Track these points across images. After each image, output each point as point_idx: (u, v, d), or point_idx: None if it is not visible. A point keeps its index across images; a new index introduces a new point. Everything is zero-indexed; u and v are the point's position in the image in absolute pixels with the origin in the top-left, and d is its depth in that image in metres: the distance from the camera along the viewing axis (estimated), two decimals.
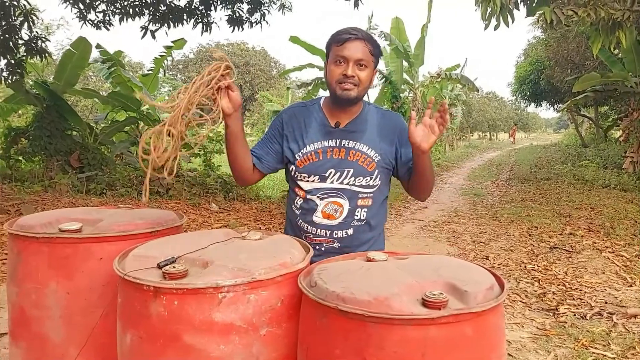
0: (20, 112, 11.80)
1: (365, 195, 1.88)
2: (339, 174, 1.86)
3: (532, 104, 26.20)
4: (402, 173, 1.95)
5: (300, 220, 1.92)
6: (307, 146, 1.88)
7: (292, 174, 1.93)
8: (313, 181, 1.88)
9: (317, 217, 1.88)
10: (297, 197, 1.92)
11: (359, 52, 1.78)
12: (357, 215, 1.88)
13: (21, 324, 1.77)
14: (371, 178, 1.87)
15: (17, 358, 1.80)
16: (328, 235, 1.88)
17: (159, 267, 1.40)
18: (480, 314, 1.19)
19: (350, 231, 1.88)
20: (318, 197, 1.87)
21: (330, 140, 1.88)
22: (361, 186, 1.87)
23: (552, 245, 6.08)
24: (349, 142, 1.87)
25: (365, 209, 1.89)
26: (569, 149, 22.67)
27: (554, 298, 4.29)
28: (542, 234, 6.71)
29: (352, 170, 1.86)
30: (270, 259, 1.45)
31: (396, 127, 1.93)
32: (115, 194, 8.01)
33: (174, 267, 1.37)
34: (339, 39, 1.80)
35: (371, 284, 1.28)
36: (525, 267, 5.25)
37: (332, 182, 1.86)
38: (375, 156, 1.88)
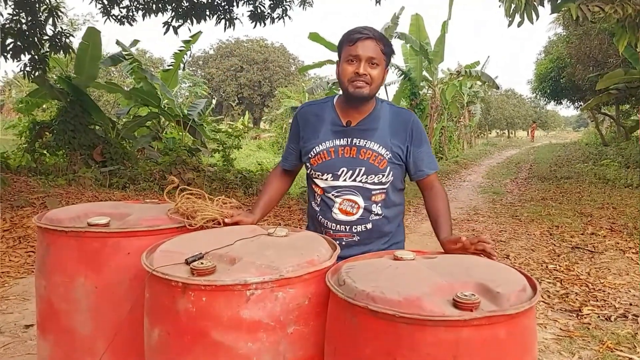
0: (44, 106, 12.00)
1: (378, 191, 1.90)
2: (351, 172, 1.87)
3: (552, 101, 25.84)
4: (410, 170, 1.96)
5: (320, 217, 1.94)
6: (320, 145, 1.91)
7: (308, 172, 1.97)
8: (327, 179, 1.90)
9: (336, 214, 1.90)
10: (315, 194, 1.96)
11: (370, 51, 1.79)
12: (374, 210, 1.90)
13: (49, 317, 1.79)
14: (383, 175, 1.88)
15: (45, 351, 1.82)
16: (348, 230, 1.91)
17: (187, 263, 1.40)
18: (514, 316, 1.17)
19: (369, 225, 1.91)
20: (333, 194, 1.90)
21: (341, 139, 1.89)
22: (373, 183, 1.88)
23: (574, 245, 5.98)
24: (359, 141, 1.88)
25: (381, 204, 1.91)
26: (589, 148, 22.32)
27: (577, 299, 4.22)
28: (564, 233, 6.60)
29: (363, 169, 1.87)
30: (297, 257, 1.45)
31: (408, 124, 1.92)
32: (138, 188, 8.09)
33: (201, 263, 1.37)
34: (351, 38, 1.81)
35: (401, 284, 1.27)
36: (546, 267, 5.17)
37: (345, 180, 1.88)
38: (387, 154, 1.88)
